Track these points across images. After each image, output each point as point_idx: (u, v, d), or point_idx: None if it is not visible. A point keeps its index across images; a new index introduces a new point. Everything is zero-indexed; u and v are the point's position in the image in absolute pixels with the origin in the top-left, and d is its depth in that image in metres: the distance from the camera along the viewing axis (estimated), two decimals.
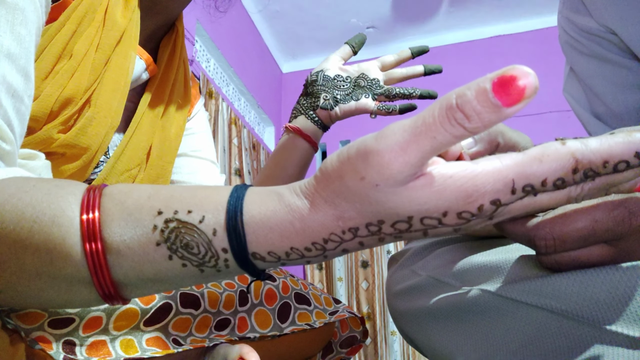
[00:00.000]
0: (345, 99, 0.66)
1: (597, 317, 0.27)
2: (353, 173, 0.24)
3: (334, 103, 0.65)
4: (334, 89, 0.66)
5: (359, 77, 0.67)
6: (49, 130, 0.48)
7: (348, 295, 2.83)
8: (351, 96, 0.66)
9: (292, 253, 0.27)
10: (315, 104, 0.66)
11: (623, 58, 0.58)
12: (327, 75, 0.66)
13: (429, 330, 0.41)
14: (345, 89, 0.66)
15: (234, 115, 2.51)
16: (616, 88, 0.60)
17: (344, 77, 0.66)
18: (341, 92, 0.66)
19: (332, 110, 0.65)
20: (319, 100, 0.66)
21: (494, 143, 0.36)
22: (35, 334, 0.36)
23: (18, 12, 0.38)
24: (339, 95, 0.66)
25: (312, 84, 0.67)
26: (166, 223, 0.28)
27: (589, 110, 0.64)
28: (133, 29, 0.56)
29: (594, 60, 0.61)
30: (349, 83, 0.66)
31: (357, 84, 0.66)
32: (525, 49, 2.93)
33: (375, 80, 0.67)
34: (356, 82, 0.67)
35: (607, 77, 0.60)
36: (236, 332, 0.45)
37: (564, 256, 0.29)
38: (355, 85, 0.66)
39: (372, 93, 0.66)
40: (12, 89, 0.37)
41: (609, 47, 0.59)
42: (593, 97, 0.63)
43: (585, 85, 0.63)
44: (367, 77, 0.67)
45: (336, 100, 0.65)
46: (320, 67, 0.68)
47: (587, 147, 0.23)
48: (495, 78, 0.20)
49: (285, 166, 0.67)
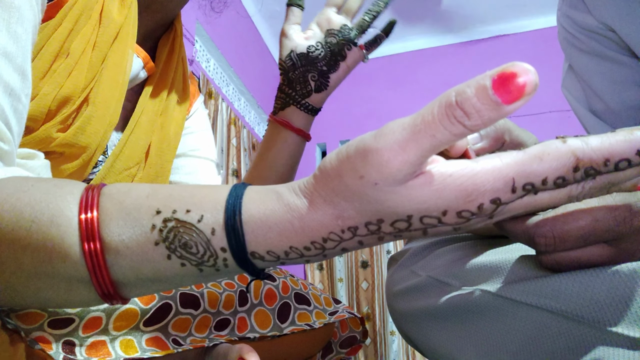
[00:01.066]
0: (331, 66, 0.59)
1: (598, 318, 0.27)
2: (352, 172, 0.24)
3: (325, 79, 0.59)
4: (315, 63, 0.59)
5: (327, 35, 0.60)
6: (48, 130, 0.48)
7: (348, 295, 2.83)
8: (335, 58, 0.59)
9: (291, 252, 0.27)
10: (306, 90, 0.60)
11: (621, 55, 0.58)
12: (299, 53, 0.59)
13: (429, 330, 0.41)
14: (324, 56, 0.59)
15: (233, 116, 2.51)
16: (614, 85, 0.60)
17: (315, 46, 0.59)
18: (323, 62, 0.59)
19: (327, 88, 0.60)
20: (309, 85, 0.59)
21: (500, 140, 0.36)
22: (35, 334, 0.35)
23: (14, 10, 0.38)
24: (324, 66, 0.59)
25: (291, 70, 0.60)
26: (165, 222, 0.28)
27: (587, 107, 0.64)
28: (130, 26, 0.55)
29: (593, 57, 0.61)
30: (323, 47, 0.59)
31: (330, 43, 0.59)
32: (525, 49, 2.93)
33: (343, 26, 0.60)
34: (327, 41, 0.59)
35: (605, 74, 0.60)
36: (236, 332, 0.45)
37: (563, 256, 0.28)
38: (329, 45, 0.59)
39: (350, 41, 0.59)
40: (9, 87, 0.36)
41: (607, 44, 0.59)
42: (591, 94, 0.63)
43: (584, 82, 0.63)
44: (334, 29, 0.60)
45: (326, 75, 0.59)
46: (286, 48, 0.60)
47: (588, 145, 0.23)
48: (495, 75, 0.20)
49: (276, 164, 0.62)
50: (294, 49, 0.60)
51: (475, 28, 3.11)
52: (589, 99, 0.63)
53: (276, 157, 0.62)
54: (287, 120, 0.61)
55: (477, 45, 3.10)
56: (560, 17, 0.65)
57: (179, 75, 0.67)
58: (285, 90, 0.61)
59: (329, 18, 0.61)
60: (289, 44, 0.60)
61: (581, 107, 0.64)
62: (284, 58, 0.61)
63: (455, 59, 3.08)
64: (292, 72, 0.60)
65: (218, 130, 2.32)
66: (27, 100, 0.39)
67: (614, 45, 0.59)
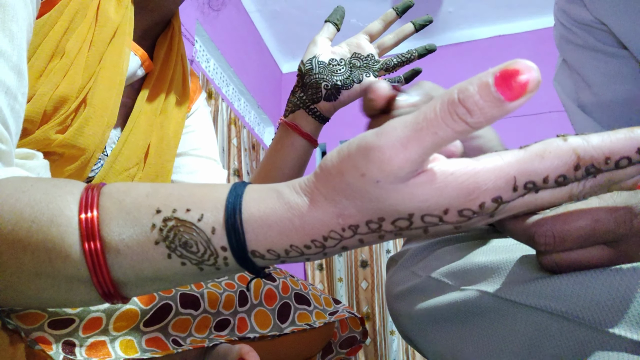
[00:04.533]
0: (346, 83, 0.60)
1: (598, 319, 0.27)
2: (353, 169, 0.24)
3: (336, 91, 0.60)
4: (332, 75, 0.60)
5: (352, 57, 0.62)
6: (47, 132, 0.47)
7: (348, 295, 2.83)
8: (352, 79, 0.61)
9: (291, 251, 0.27)
10: (316, 95, 0.61)
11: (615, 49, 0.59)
12: (321, 61, 0.60)
13: (429, 332, 0.41)
14: (342, 73, 0.61)
15: (233, 116, 2.51)
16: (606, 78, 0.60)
17: (338, 60, 0.61)
18: (340, 77, 0.60)
19: (335, 100, 0.61)
20: (320, 92, 0.60)
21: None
22: (35, 334, 0.35)
23: (8, 8, 0.38)
24: (339, 81, 0.60)
25: (307, 74, 0.61)
26: (164, 222, 0.28)
27: (576, 100, 0.64)
28: (126, 24, 0.55)
29: (587, 50, 0.61)
30: (345, 66, 0.61)
31: (353, 65, 0.61)
32: (525, 49, 2.93)
33: (370, 56, 0.62)
34: (351, 62, 0.61)
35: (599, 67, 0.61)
36: (236, 332, 0.45)
37: (563, 257, 0.28)
38: (351, 66, 0.61)
39: (371, 71, 0.61)
40: (5, 86, 0.36)
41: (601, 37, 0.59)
42: (582, 87, 0.63)
43: (576, 75, 0.64)
44: (361, 55, 0.62)
45: (337, 88, 0.60)
46: (310, 53, 0.62)
47: (588, 143, 0.23)
48: (498, 72, 0.20)
49: (282, 167, 0.63)
50: (317, 55, 0.61)
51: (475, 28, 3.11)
52: (578, 92, 0.64)
53: (283, 159, 0.63)
54: (296, 123, 0.62)
55: (477, 46, 3.10)
56: (557, 11, 0.66)
57: (178, 73, 0.67)
58: (297, 92, 0.63)
59: (360, 43, 0.62)
60: (313, 49, 0.62)
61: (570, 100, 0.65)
62: (304, 61, 0.62)
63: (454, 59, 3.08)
64: (308, 77, 0.61)
65: (219, 130, 2.33)
66: (23, 100, 0.39)
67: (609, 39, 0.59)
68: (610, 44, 0.59)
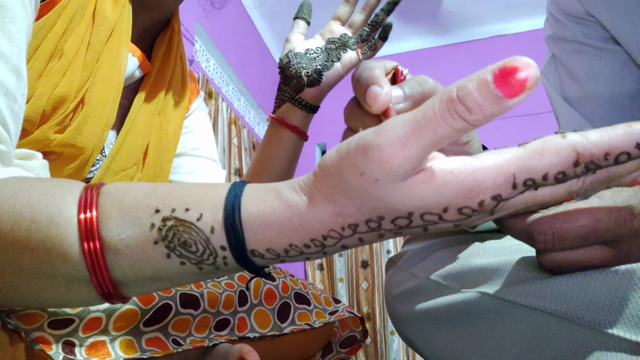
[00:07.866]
0: (326, 65, 0.61)
1: (597, 320, 0.27)
2: (352, 168, 0.24)
3: (318, 75, 0.60)
4: (310, 62, 0.61)
5: (327, 43, 0.62)
6: (46, 132, 0.47)
7: (348, 295, 2.83)
8: (330, 59, 0.61)
9: (291, 250, 0.27)
10: (299, 85, 0.61)
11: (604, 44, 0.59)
12: (297, 52, 0.61)
13: (429, 333, 0.41)
14: (321, 58, 0.61)
15: (233, 115, 2.51)
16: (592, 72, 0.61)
17: (314, 49, 0.62)
18: (319, 62, 0.61)
19: (319, 84, 0.61)
20: (302, 80, 0.60)
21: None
22: (35, 334, 0.35)
23: (7, 10, 0.38)
24: (318, 65, 0.61)
25: (287, 67, 0.61)
26: (164, 221, 0.28)
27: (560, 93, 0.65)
28: (124, 24, 0.55)
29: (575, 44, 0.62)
30: (322, 52, 0.62)
31: (329, 49, 0.62)
32: (525, 49, 2.93)
33: (343, 35, 0.62)
34: (327, 48, 0.62)
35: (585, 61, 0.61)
36: (236, 332, 0.45)
37: (563, 257, 0.28)
38: (328, 51, 0.62)
39: (348, 47, 0.61)
40: (5, 87, 0.36)
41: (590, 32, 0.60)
42: (568, 80, 0.64)
43: (562, 68, 0.64)
44: (334, 38, 0.62)
45: (319, 72, 0.60)
46: (286, 49, 0.63)
47: (587, 139, 0.23)
48: (497, 69, 0.19)
49: (272, 162, 0.63)
50: (293, 49, 0.62)
51: (474, 28, 3.11)
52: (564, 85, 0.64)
53: (273, 155, 0.63)
54: (283, 117, 0.62)
55: (476, 46, 3.10)
56: (550, 4, 0.66)
57: (177, 74, 0.67)
58: (281, 87, 0.63)
59: (332, 29, 0.63)
60: (288, 45, 0.63)
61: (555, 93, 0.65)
62: (282, 57, 0.63)
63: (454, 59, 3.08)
64: (288, 69, 0.62)
65: (219, 130, 2.33)
66: (23, 100, 0.39)
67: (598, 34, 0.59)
68: (599, 39, 0.59)
